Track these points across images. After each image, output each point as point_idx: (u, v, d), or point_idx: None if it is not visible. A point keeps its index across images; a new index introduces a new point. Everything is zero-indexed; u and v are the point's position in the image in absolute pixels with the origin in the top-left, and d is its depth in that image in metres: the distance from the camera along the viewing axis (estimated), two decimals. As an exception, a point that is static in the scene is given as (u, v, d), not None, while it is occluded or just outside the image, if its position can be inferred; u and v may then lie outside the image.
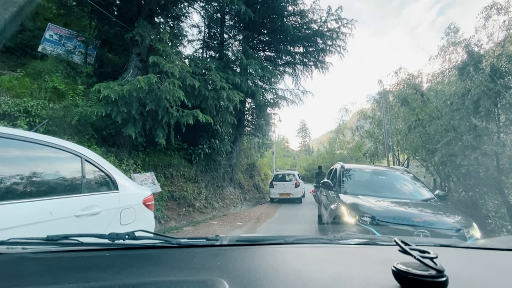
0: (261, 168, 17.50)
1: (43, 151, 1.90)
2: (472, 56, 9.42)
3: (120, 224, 2.36)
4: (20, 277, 0.77)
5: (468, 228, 2.95)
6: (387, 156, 17.25)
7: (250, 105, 11.97)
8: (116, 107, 5.09)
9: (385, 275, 0.71)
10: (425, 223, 2.93)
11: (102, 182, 2.33)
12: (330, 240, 1.30)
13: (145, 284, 0.70)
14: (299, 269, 0.89)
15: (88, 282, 0.72)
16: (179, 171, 8.36)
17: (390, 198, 3.84)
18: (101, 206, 2.18)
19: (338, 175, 4.83)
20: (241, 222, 6.99)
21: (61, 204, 1.86)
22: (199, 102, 6.67)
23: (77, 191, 2.04)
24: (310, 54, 11.41)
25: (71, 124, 4.92)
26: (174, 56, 6.16)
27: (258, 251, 1.13)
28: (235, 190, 11.30)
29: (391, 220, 3.05)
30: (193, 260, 0.96)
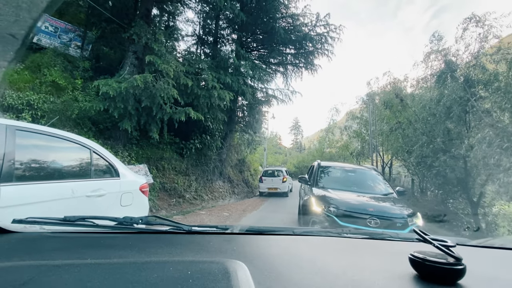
0: (251, 164, 18.06)
1: (63, 143, 2.37)
2: (449, 65, 10.10)
3: (120, 205, 2.84)
4: (45, 253, 0.79)
5: (412, 217, 3.55)
6: (371, 155, 18.05)
7: (242, 102, 12.43)
8: (113, 103, 5.50)
9: (401, 264, 0.72)
10: (377, 212, 3.52)
11: (106, 170, 2.80)
12: (339, 233, 1.29)
13: (167, 262, 0.70)
14: (311, 257, 0.91)
15: (110, 259, 0.75)
16: (170, 164, 8.81)
17: (356, 192, 4.42)
18: (105, 190, 2.65)
19: (314, 171, 5.40)
20: (228, 213, 7.53)
21: (76, 185, 2.34)
22: (192, 100, 7.12)
23: (87, 176, 2.52)
24: (300, 56, 11.92)
25: (71, 117, 5.31)
26: (169, 55, 6.55)
27: (268, 240, 1.14)
28: (224, 184, 11.82)
29: (350, 209, 3.62)
30: (209, 244, 0.98)
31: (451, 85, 9.50)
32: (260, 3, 9.88)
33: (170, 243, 0.97)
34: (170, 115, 6.42)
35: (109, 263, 0.69)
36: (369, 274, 0.74)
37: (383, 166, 19.38)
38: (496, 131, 5.59)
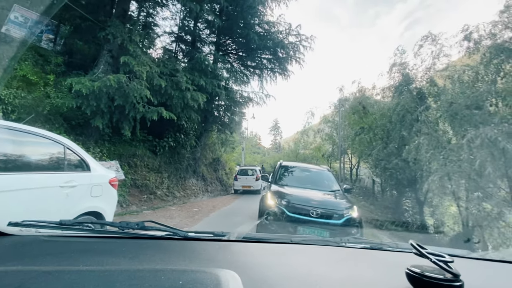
0: (226, 163, 18.45)
1: (39, 139, 2.70)
2: (405, 78, 11.25)
3: (90, 196, 3.19)
4: (37, 258, 0.79)
5: (348, 210, 4.23)
6: (339, 157, 19.22)
7: (218, 103, 12.82)
8: (86, 101, 5.71)
9: (397, 277, 0.71)
10: (319, 205, 4.16)
11: (78, 164, 3.15)
12: (337, 242, 1.29)
13: (159, 271, 0.70)
14: (308, 267, 0.90)
15: (103, 266, 0.74)
16: (143, 161, 9.01)
17: (308, 188, 5.05)
18: (77, 181, 3.00)
19: (276, 170, 6.00)
20: (198, 209, 7.93)
21: (52, 177, 2.69)
22: (165, 100, 7.43)
23: (61, 169, 2.86)
24: (275, 61, 12.56)
25: (42, 113, 5.45)
26: (144, 56, 6.82)
27: (264, 248, 1.14)
28: (197, 181, 12.14)
29: (298, 202, 4.23)
30: (202, 252, 0.98)
31: (406, 96, 10.63)
32: (236, 9, 10.37)
33: (164, 249, 0.98)
34: (142, 114, 6.71)
35: (101, 270, 0.69)
36: (366, 287, 0.75)
37: (351, 168, 20.69)
38: (429, 138, 6.54)
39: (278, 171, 5.90)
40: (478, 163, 4.58)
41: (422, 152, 6.74)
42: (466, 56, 9.12)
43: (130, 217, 6.16)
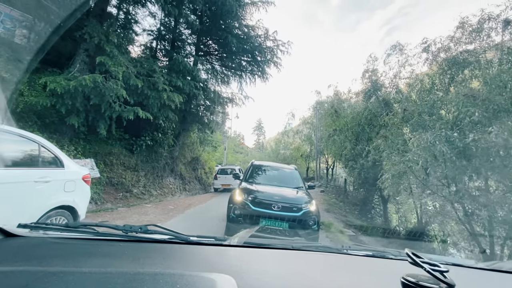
0: (205, 162, 18.64)
1: (14, 137, 2.91)
2: (374, 84, 12.05)
3: (64, 191, 3.43)
4: (43, 259, 0.82)
5: (307, 204, 4.71)
6: (316, 158, 20.04)
7: (197, 103, 13.04)
8: (61, 100, 5.80)
9: (394, 286, 0.72)
10: (281, 199, 4.60)
11: (52, 161, 3.37)
12: (338, 249, 1.31)
13: (158, 274, 0.73)
14: (306, 275, 0.91)
15: (104, 268, 0.77)
16: (119, 160, 9.08)
17: (275, 185, 5.50)
18: (51, 177, 3.23)
19: (247, 169, 6.41)
20: (173, 206, 8.17)
21: (28, 172, 2.92)
22: (142, 99, 7.61)
23: (36, 165, 3.09)
24: (254, 64, 12.99)
25: (15, 111, 5.49)
26: (121, 57, 6.97)
27: (265, 254, 1.16)
28: (175, 180, 12.30)
29: (262, 198, 4.65)
30: (203, 256, 1.01)
31: (373, 101, 11.43)
32: (216, 13, 10.67)
33: (165, 253, 1.00)
34: (119, 113, 6.87)
35: (102, 273, 0.72)
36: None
37: (327, 167, 21.59)
38: (386, 140, 7.25)
39: (249, 170, 6.31)
40: (421, 164, 5.26)
41: (380, 153, 7.42)
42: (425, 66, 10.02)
43: (105, 214, 6.31)
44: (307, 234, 4.43)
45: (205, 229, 5.55)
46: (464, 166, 5.00)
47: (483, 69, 6.27)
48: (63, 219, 3.42)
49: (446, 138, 5.12)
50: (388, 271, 1.02)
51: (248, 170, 6.29)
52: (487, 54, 7.54)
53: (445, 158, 5.17)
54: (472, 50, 8.05)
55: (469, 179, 5.38)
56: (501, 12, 7.71)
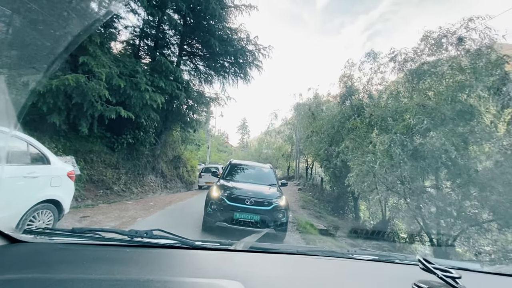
0: (187, 161, 18.81)
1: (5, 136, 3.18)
2: (348, 89, 12.84)
3: (50, 186, 3.71)
4: (51, 265, 0.82)
5: (277, 199, 5.23)
6: (296, 157, 20.80)
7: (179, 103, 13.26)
8: (43, 98, 5.94)
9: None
10: (253, 195, 5.09)
11: (39, 158, 3.64)
12: (344, 254, 1.30)
13: (168, 282, 0.74)
14: (312, 280, 0.92)
15: (114, 275, 0.78)
16: (100, 157, 9.19)
17: (249, 182, 5.97)
18: (38, 173, 3.52)
19: (226, 167, 6.85)
20: (154, 203, 8.43)
21: (18, 168, 3.20)
22: (124, 99, 7.82)
23: (24, 162, 3.36)
24: (236, 66, 13.41)
25: (-4, 108, 5.57)
26: (103, 57, 7.15)
27: (270, 259, 1.16)
28: (156, 178, 12.46)
29: (237, 193, 5.11)
30: (209, 262, 1.02)
31: (347, 105, 12.22)
32: (199, 15, 10.98)
33: (172, 258, 1.01)
34: (101, 112, 7.06)
35: (112, 279, 0.72)
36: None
37: (307, 167, 22.44)
38: (353, 142, 7.96)
39: (228, 168, 6.76)
40: (378, 164, 5.95)
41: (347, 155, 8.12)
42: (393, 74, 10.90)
43: (86, 210, 6.49)
44: (276, 225, 4.95)
45: (184, 223, 5.93)
46: (415, 167, 5.74)
47: (435, 81, 7.07)
48: (50, 213, 3.71)
49: (400, 141, 5.84)
50: (396, 277, 1.01)
51: (227, 168, 6.74)
52: (443, 67, 8.45)
53: (399, 159, 5.88)
54: (431, 62, 8.94)
55: (419, 178, 6.14)
56: (456, 30, 8.66)
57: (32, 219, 3.46)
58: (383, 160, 5.92)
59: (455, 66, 7.28)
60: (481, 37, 7.85)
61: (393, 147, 5.64)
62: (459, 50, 8.49)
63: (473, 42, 8.08)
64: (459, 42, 8.45)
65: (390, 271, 1.12)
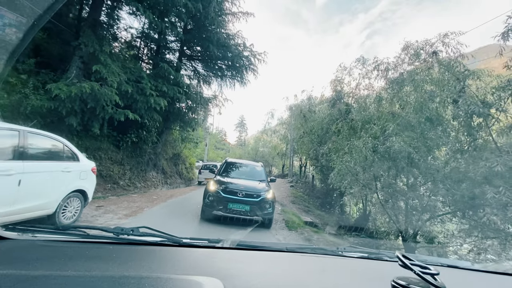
0: (186, 158, 19.72)
1: (48, 140, 4.08)
2: (337, 93, 13.75)
3: (79, 179, 4.62)
4: (29, 262, 0.81)
5: (265, 192, 6.16)
6: (290, 156, 21.75)
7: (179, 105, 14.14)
8: (63, 103, 6.80)
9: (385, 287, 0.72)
10: (245, 189, 6.01)
11: (71, 156, 4.54)
12: (333, 251, 1.32)
13: (143, 278, 0.73)
14: (297, 277, 0.93)
15: (90, 271, 0.77)
16: (107, 154, 10.07)
17: (242, 178, 6.89)
18: (71, 168, 4.42)
19: (221, 164, 7.77)
20: (156, 197, 9.34)
21: (58, 164, 4.10)
22: (131, 103, 8.69)
23: (61, 159, 4.26)
24: (233, 70, 14.29)
25: (23, 112, 6.43)
26: (113, 66, 8.00)
27: (258, 256, 1.18)
28: (157, 174, 13.37)
29: (231, 188, 6.03)
30: (193, 259, 1.02)
31: (335, 108, 13.14)
32: (198, 23, 11.82)
33: (156, 256, 1.00)
34: (111, 115, 7.93)
35: (87, 276, 0.72)
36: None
37: (301, 165, 23.42)
38: (336, 144, 8.91)
39: (223, 165, 7.68)
40: (353, 164, 6.88)
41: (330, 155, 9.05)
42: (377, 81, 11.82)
43: (99, 201, 7.39)
44: (263, 214, 5.89)
45: (185, 212, 6.85)
46: (384, 166, 6.68)
47: (411, 90, 8.01)
48: (78, 200, 4.62)
49: (372, 144, 6.79)
50: (380, 274, 1.02)
51: (223, 166, 7.67)
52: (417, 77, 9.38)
53: (370, 160, 6.84)
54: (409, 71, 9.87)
55: (389, 176, 7.09)
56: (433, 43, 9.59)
57: (66, 205, 4.37)
58: (357, 161, 6.87)
59: (426, 78, 8.23)
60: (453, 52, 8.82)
61: (365, 150, 6.58)
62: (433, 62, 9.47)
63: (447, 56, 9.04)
64: (433, 55, 9.42)
65: (375, 268, 1.15)
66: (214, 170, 16.53)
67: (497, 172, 4.32)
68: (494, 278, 1.12)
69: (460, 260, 1.91)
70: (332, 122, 12.04)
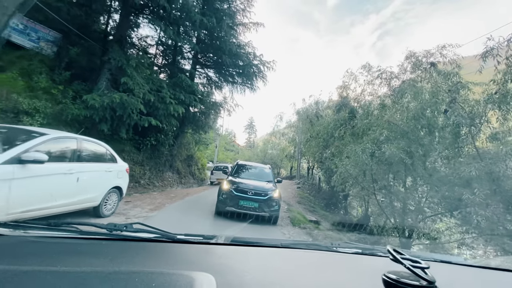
0: (198, 160, 20.77)
1: (95, 145, 5.04)
2: (343, 99, 14.41)
3: (117, 177, 5.56)
4: (19, 258, 0.81)
5: (272, 192, 6.96)
6: (297, 159, 22.43)
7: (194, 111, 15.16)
8: (96, 112, 7.83)
9: (377, 283, 0.74)
10: (254, 188, 6.84)
11: (111, 158, 5.50)
12: (327, 247, 1.33)
13: (134, 273, 0.73)
14: (290, 273, 0.94)
15: (80, 267, 0.77)
16: (129, 156, 11.12)
17: (251, 179, 7.72)
18: (112, 169, 5.37)
19: (233, 166, 8.64)
20: (174, 195, 10.29)
21: (103, 165, 5.06)
22: (153, 110, 9.69)
23: (105, 161, 5.22)
24: (244, 77, 15.19)
25: (65, 120, 7.50)
26: (138, 78, 9.02)
27: (252, 252, 1.19)
28: (173, 174, 14.39)
29: (242, 187, 6.87)
30: (186, 255, 1.03)
31: (341, 114, 13.81)
32: (212, 37, 12.79)
33: (149, 252, 1.01)
34: (136, 121, 8.94)
35: (76, 272, 0.72)
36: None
37: (308, 167, 24.06)
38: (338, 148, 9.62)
39: (235, 167, 8.55)
40: (353, 168, 7.59)
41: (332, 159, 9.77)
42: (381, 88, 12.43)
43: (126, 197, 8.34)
44: (270, 211, 6.70)
45: (201, 208, 7.74)
46: (380, 170, 7.37)
47: (405, 99, 8.65)
48: (116, 195, 5.57)
49: (370, 150, 7.49)
50: (372, 268, 1.03)
51: (234, 167, 8.53)
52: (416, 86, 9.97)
53: (369, 164, 7.54)
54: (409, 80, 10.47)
55: (385, 179, 7.76)
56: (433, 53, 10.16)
57: (107, 198, 5.32)
58: (357, 164, 7.59)
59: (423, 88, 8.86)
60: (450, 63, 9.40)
61: (363, 155, 7.29)
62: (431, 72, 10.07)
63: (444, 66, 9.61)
64: (431, 66, 10.02)
65: (367, 263, 1.17)
66: (226, 171, 17.56)
67: (473, 176, 4.97)
68: (484, 273, 1.14)
69: (451, 256, 2.00)
70: (337, 128, 12.70)
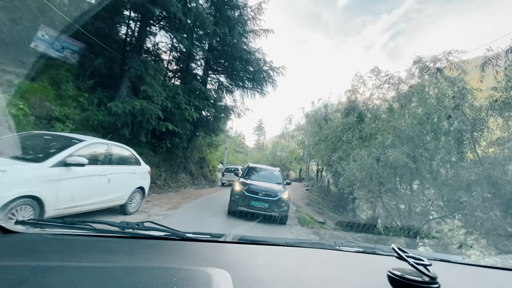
0: (210, 162, 21.41)
1: (122, 149, 5.64)
2: (351, 103, 14.68)
3: (141, 178, 6.15)
4: (41, 254, 0.84)
5: (281, 193, 7.39)
6: (306, 161, 22.71)
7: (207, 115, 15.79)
8: (119, 118, 8.51)
9: (381, 280, 0.77)
10: (265, 190, 7.29)
11: (136, 161, 6.09)
12: (331, 246, 1.36)
13: (155, 268, 0.76)
14: (298, 270, 0.97)
15: (103, 262, 0.81)
16: (147, 158, 11.78)
17: (263, 181, 8.18)
18: (136, 171, 5.96)
19: (244, 168, 9.13)
20: (189, 195, 10.87)
21: (129, 167, 5.66)
22: (169, 116, 10.33)
23: (131, 164, 5.81)
24: (254, 82, 15.72)
25: (92, 125, 8.20)
26: (156, 85, 9.68)
27: (259, 250, 1.23)
28: (186, 176, 15.03)
29: (253, 188, 7.33)
30: (198, 252, 1.06)
31: (349, 117, 14.08)
32: (224, 45, 13.40)
33: (162, 249, 1.04)
34: (154, 126, 9.58)
35: (100, 267, 0.75)
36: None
37: (317, 170, 24.29)
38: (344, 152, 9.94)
39: (246, 169, 9.04)
40: (359, 171, 7.91)
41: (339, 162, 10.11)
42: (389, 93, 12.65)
43: (143, 197, 8.99)
44: (280, 211, 7.13)
45: (214, 208, 8.25)
46: (385, 173, 7.67)
47: (410, 106, 8.91)
48: (140, 195, 6.14)
49: (375, 154, 7.82)
50: (376, 266, 1.06)
51: (245, 170, 9.02)
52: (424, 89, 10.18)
53: (375, 167, 7.86)
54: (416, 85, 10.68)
55: (390, 182, 8.04)
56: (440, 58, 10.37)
57: (132, 198, 5.90)
58: (363, 168, 7.92)
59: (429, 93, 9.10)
60: (456, 68, 9.59)
61: (370, 159, 7.63)
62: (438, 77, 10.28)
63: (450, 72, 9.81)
64: (437, 71, 10.23)
65: (371, 262, 1.21)
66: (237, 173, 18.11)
67: (472, 180, 5.25)
68: (483, 271, 1.18)
69: (452, 255, 2.16)
70: (345, 131, 13.00)
